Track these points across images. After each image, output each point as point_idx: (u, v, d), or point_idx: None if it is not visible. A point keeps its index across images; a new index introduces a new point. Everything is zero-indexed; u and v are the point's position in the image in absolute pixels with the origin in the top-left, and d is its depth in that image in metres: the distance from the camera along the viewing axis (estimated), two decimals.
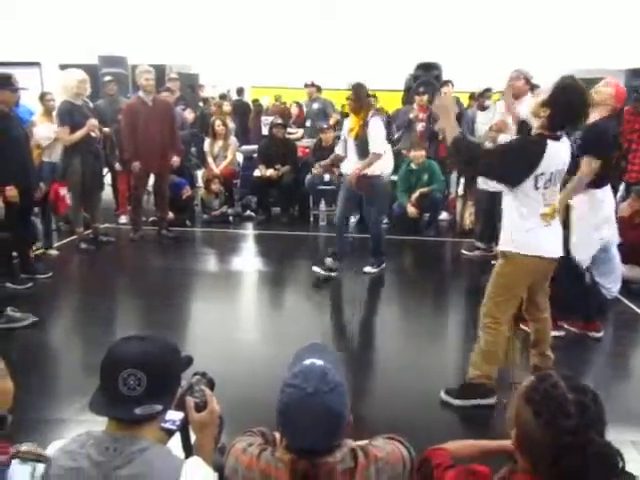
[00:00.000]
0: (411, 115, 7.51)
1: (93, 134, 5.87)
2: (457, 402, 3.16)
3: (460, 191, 7.63)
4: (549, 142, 2.75)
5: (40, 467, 1.32)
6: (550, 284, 3.20)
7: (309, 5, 12.65)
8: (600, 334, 4.07)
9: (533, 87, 5.38)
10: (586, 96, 2.82)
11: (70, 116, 5.70)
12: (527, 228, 2.85)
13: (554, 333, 3.59)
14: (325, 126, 7.70)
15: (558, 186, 2.90)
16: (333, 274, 5.25)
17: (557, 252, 2.97)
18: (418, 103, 7.67)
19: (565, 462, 1.20)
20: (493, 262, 5.48)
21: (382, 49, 12.14)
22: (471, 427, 3.02)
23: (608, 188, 4.04)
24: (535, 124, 2.92)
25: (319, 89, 10.15)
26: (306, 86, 9.45)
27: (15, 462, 1.32)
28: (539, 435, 1.23)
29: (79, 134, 5.70)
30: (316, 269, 5.26)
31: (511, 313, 3.09)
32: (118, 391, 1.36)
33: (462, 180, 7.43)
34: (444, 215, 7.53)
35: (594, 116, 3.69)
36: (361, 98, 4.98)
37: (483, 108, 6.65)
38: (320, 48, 12.49)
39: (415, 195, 6.89)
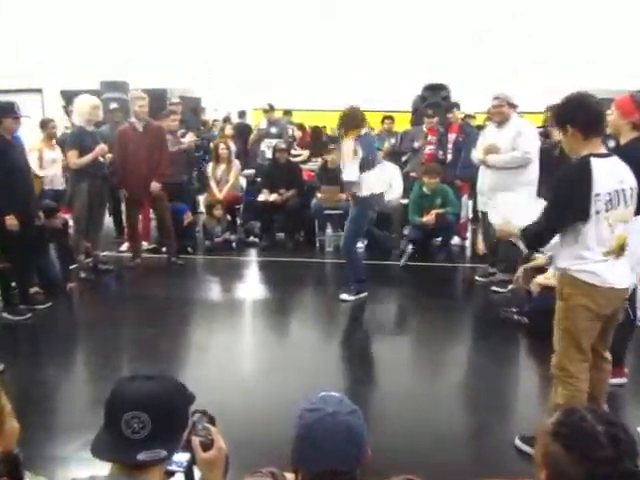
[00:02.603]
0: (416, 145, 7.59)
1: (102, 159, 6.00)
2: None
3: (471, 214, 7.65)
4: (593, 160, 2.62)
5: None
6: None
7: (313, 29, 12.87)
8: (625, 380, 3.80)
9: (515, 106, 5.49)
10: (595, 98, 2.75)
11: (80, 140, 5.84)
12: (587, 256, 2.69)
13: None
14: (332, 146, 7.72)
15: (631, 208, 2.73)
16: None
17: (625, 282, 2.78)
18: (427, 125, 7.76)
19: None
20: (494, 288, 5.63)
21: (389, 71, 12.31)
22: (487, 467, 2.98)
23: None
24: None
25: (288, 113, 10.64)
26: (264, 111, 9.56)
27: None
28: (573, 470, 1.22)
29: (88, 158, 5.81)
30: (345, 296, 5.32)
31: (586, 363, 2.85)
32: (122, 434, 1.36)
33: (470, 203, 7.46)
34: (456, 240, 7.54)
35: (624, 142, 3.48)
36: (345, 121, 5.02)
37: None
38: (324, 69, 12.68)
39: (430, 215, 6.83)
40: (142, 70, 11.12)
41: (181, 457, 1.48)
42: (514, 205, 3.34)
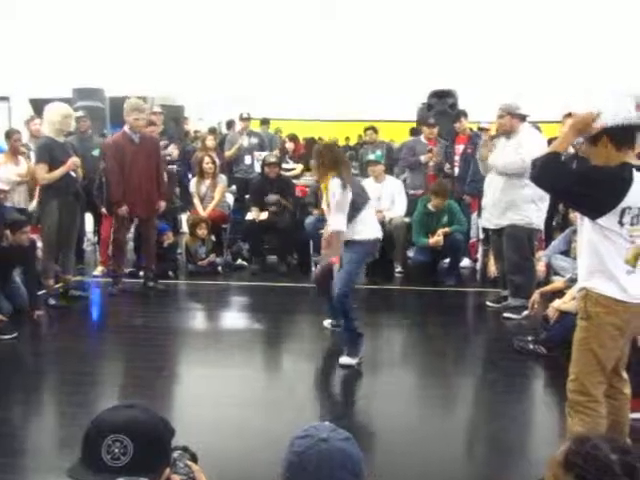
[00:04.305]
0: (423, 159, 7.67)
1: (73, 174, 6.01)
2: None
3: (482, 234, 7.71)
4: (635, 172, 2.72)
5: None
6: None
7: (304, 36, 13.04)
8: None
9: (524, 117, 5.59)
10: None
11: (49, 153, 5.85)
12: (613, 271, 2.77)
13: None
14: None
15: None
16: None
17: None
18: (427, 136, 7.85)
19: None
20: (506, 315, 5.65)
21: (390, 78, 12.45)
22: None
23: None
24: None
25: (266, 121, 10.71)
26: (242, 119, 9.61)
27: None
28: None
29: (57, 173, 5.83)
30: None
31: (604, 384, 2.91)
32: (100, 460, 1.39)
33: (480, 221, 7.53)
34: (466, 262, 7.58)
35: None
36: (325, 162, 4.61)
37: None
38: (320, 78, 12.82)
39: (438, 235, 6.86)
40: (119, 76, 11.24)
41: None
42: None
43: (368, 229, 4.66)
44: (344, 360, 4.70)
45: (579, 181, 2.83)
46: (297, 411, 3.91)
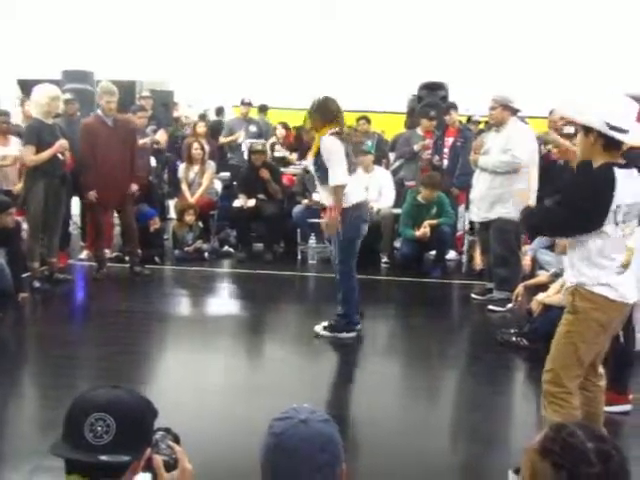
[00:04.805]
0: (416, 147, 7.68)
1: (61, 157, 5.97)
2: None
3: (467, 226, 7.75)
4: (616, 170, 2.75)
5: None
6: None
7: (303, 18, 12.98)
8: (629, 407, 3.85)
9: (516, 111, 5.63)
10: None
11: (37, 135, 5.82)
12: (606, 269, 2.82)
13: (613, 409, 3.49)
14: None
15: (635, 222, 2.89)
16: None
17: (633, 297, 2.93)
18: (426, 128, 7.85)
19: None
20: (491, 307, 5.70)
21: (381, 68, 12.42)
22: None
23: None
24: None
25: (264, 108, 10.41)
26: (242, 104, 9.48)
27: None
28: None
29: (45, 155, 5.80)
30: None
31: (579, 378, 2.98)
32: (83, 438, 1.39)
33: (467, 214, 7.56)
34: (452, 254, 7.62)
35: None
36: (320, 112, 4.67)
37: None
38: (313, 64, 12.76)
39: (424, 227, 6.86)
40: (109, 59, 11.12)
41: (142, 478, 1.50)
42: None
43: (355, 194, 4.76)
44: (318, 328, 4.92)
45: (569, 213, 2.86)
46: (280, 398, 3.92)
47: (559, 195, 3.33)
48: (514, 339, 4.82)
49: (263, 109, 10.60)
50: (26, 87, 8.40)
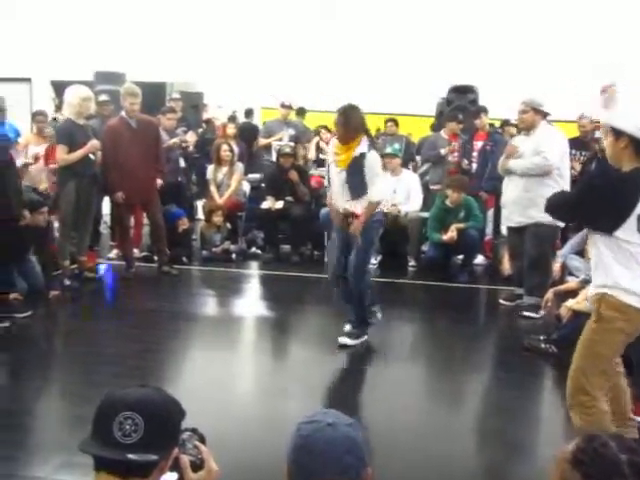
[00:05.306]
0: (442, 151, 7.64)
1: (92, 157, 6.07)
2: None
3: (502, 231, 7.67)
4: None
5: None
6: None
7: (333, 17, 12.98)
8: None
9: (546, 114, 5.56)
10: None
11: (70, 135, 5.92)
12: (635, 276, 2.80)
13: None
14: None
15: None
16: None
17: None
18: (452, 131, 7.80)
19: None
20: (525, 313, 5.63)
21: (411, 71, 12.37)
22: None
23: None
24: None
25: (302, 111, 10.30)
26: (283, 107, 9.34)
27: None
28: None
29: (77, 154, 5.90)
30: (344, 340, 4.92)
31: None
32: (111, 436, 1.41)
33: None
34: (480, 259, 7.55)
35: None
36: (354, 123, 4.54)
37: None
38: (337, 69, 12.76)
39: (451, 231, 6.78)
40: (140, 61, 11.27)
41: (168, 477, 1.51)
42: None
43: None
44: (344, 340, 4.86)
45: (588, 198, 2.86)
46: (304, 399, 3.94)
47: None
48: (542, 346, 4.76)
49: (301, 112, 10.49)
50: (59, 88, 8.55)
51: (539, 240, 5.58)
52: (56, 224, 6.19)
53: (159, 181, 6.67)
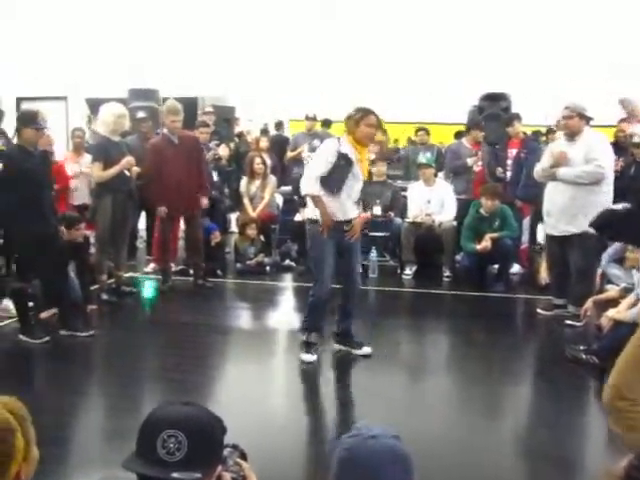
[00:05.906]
0: (469, 161, 7.57)
1: (127, 173, 6.17)
2: None
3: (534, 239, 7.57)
4: None
5: None
6: None
7: (356, 34, 13.03)
8: None
9: (589, 120, 5.45)
10: None
11: (105, 152, 6.03)
12: None
13: None
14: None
15: None
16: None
17: None
18: (475, 139, 7.73)
19: None
20: (568, 322, 5.53)
21: (443, 79, 12.33)
22: None
23: None
24: None
25: (328, 122, 10.28)
26: (307, 119, 9.42)
27: None
28: None
29: (112, 171, 6.00)
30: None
31: None
32: (155, 454, 1.42)
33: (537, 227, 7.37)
34: (516, 268, 7.44)
35: None
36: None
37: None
38: (374, 77, 12.78)
39: (485, 240, 6.71)
40: (172, 77, 11.45)
41: None
42: None
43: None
44: (366, 350, 4.86)
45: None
46: (341, 412, 3.92)
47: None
48: (583, 356, 4.66)
49: (327, 123, 10.54)
50: (94, 106, 8.73)
51: (586, 249, 5.44)
52: (93, 239, 6.29)
53: (204, 201, 6.73)
